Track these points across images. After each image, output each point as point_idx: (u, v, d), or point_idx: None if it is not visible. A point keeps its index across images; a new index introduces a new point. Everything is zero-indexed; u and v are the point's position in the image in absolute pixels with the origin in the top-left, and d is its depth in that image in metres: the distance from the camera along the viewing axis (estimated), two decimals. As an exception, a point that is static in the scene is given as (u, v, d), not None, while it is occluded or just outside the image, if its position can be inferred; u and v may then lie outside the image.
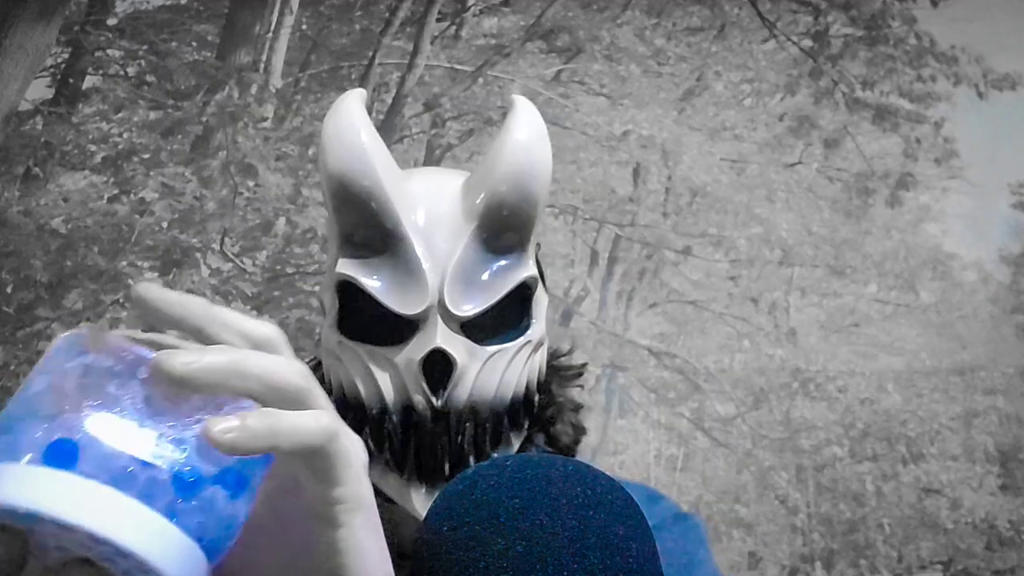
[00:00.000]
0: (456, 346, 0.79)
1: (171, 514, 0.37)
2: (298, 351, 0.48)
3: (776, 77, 10.97)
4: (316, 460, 0.41)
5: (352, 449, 0.42)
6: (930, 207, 15.93)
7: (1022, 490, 14.03)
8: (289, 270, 5.10)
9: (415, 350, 0.79)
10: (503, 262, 0.83)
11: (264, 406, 0.40)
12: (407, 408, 0.79)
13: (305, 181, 5.00)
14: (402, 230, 0.81)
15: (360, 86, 7.50)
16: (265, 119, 5.86)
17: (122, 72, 8.18)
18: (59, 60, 7.62)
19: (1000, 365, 14.88)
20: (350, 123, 0.84)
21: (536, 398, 0.86)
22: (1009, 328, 16.23)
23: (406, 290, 0.80)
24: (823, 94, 8.82)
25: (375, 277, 0.81)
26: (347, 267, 0.81)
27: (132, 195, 5.06)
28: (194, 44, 8.28)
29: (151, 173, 4.89)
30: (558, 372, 0.91)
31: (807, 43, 8.95)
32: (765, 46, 10.65)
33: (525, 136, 0.85)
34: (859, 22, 8.14)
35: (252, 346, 0.42)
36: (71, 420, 0.37)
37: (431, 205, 0.83)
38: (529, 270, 0.84)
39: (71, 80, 7.21)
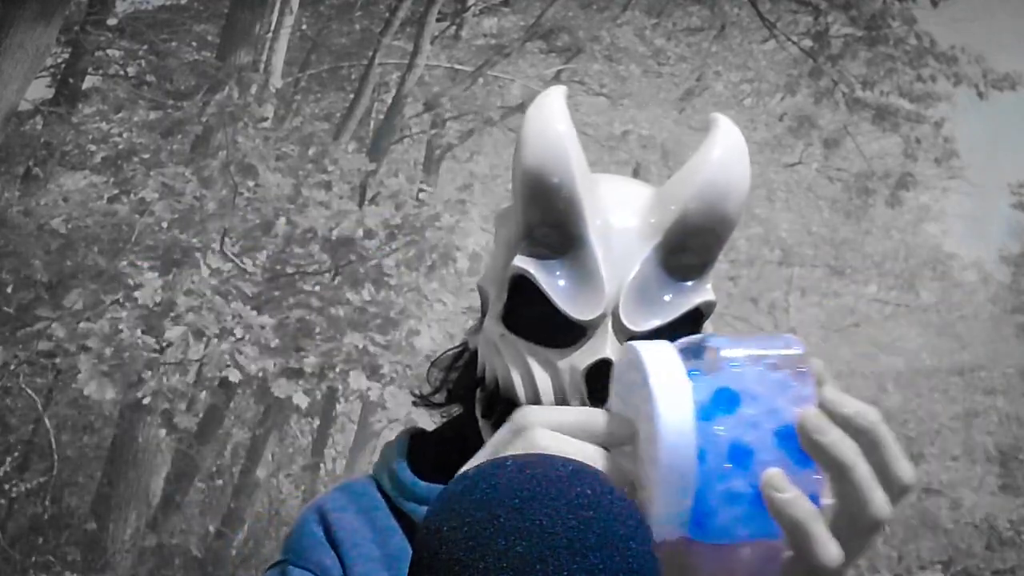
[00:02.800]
0: None
1: (710, 461, 0.50)
2: (298, 350, 0.50)
3: (776, 77, 10.99)
4: (792, 565, 0.51)
5: None
6: (930, 207, 15.96)
7: (1022, 490, 14.03)
8: (289, 270, 5.10)
9: (581, 357, 0.78)
10: (686, 284, 0.81)
11: (837, 509, 0.52)
12: None
13: (305, 181, 5.00)
14: (586, 234, 0.79)
15: (360, 86, 7.46)
16: (265, 119, 5.86)
17: (122, 72, 8.20)
18: (59, 60, 7.63)
19: (1000, 365, 14.90)
20: (552, 118, 0.82)
21: None
22: (1009, 328, 16.24)
23: (582, 295, 0.79)
24: (823, 94, 8.82)
25: (554, 277, 0.80)
26: (526, 263, 0.80)
27: (132, 195, 5.06)
28: (194, 44, 8.29)
29: (151, 173, 4.89)
30: None
31: (807, 43, 8.95)
32: (765, 46, 10.66)
33: (722, 154, 0.84)
34: (859, 22, 8.14)
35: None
36: (748, 377, 0.52)
37: (617, 213, 0.82)
38: (707, 295, 0.82)
39: (71, 80, 7.22)
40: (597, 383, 0.77)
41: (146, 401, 4.31)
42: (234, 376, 4.23)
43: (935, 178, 12.69)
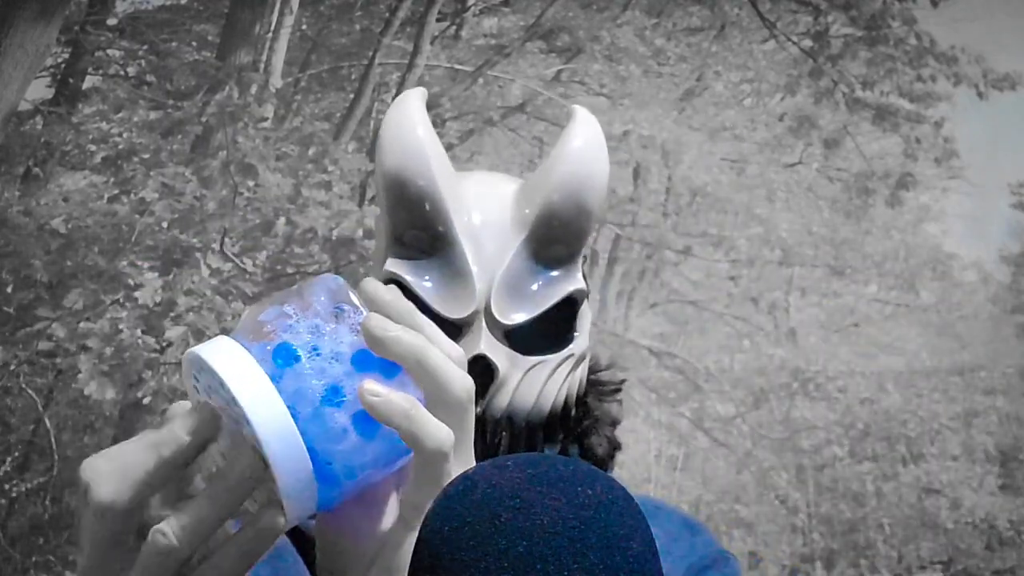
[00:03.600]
0: (499, 354, 0.79)
1: (305, 423, 0.48)
2: None
3: (776, 77, 10.98)
4: (422, 466, 0.50)
5: (450, 476, 0.51)
6: (930, 207, 15.94)
7: (1022, 490, 14.03)
8: (289, 270, 5.10)
9: None
10: (552, 273, 0.82)
11: (426, 399, 0.50)
12: None
13: (305, 181, 4.99)
14: (453, 234, 0.80)
15: (360, 86, 7.48)
16: (265, 119, 5.86)
17: (122, 72, 8.19)
18: (59, 60, 7.62)
19: (1000, 365, 14.89)
20: (410, 122, 0.84)
21: (573, 411, 0.85)
22: (1009, 328, 16.24)
23: (453, 294, 0.80)
24: (823, 94, 8.82)
25: (423, 278, 0.80)
26: (396, 266, 0.81)
27: (132, 195, 5.06)
28: (194, 44, 8.28)
29: (151, 173, 4.89)
30: (596, 386, 0.91)
31: (807, 43, 8.95)
32: (765, 46, 10.65)
33: (581, 146, 0.84)
34: (859, 22, 8.14)
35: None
36: (300, 331, 0.50)
37: (483, 210, 0.83)
38: (578, 283, 0.83)
39: (71, 80, 7.21)
40: (475, 379, 0.78)
41: (146, 401, 4.32)
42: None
43: (935, 178, 12.68)
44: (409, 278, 0.80)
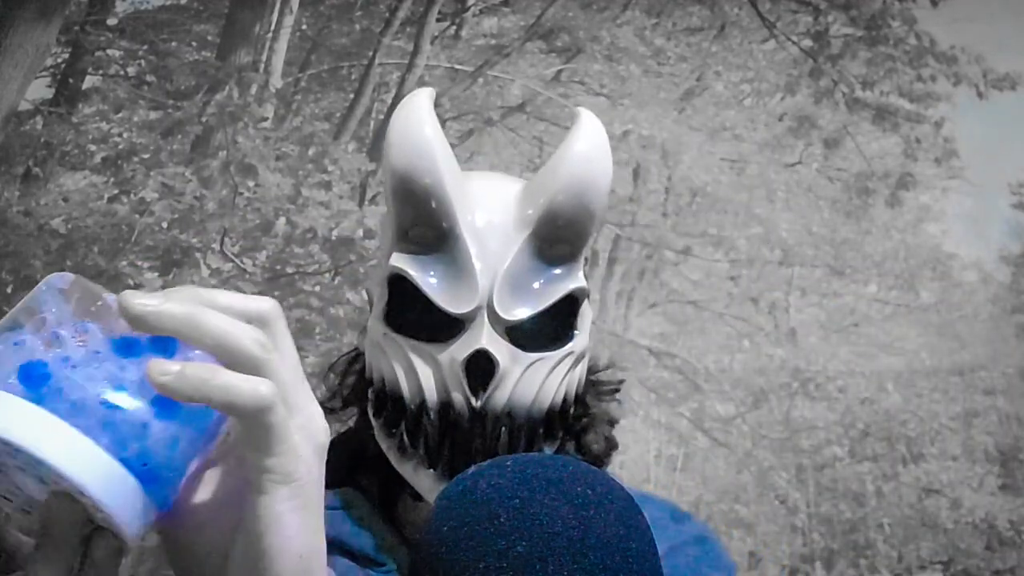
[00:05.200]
0: (500, 349, 0.80)
1: (97, 435, 0.42)
2: (298, 350, 0.51)
3: (776, 77, 10.97)
4: (251, 427, 0.44)
5: (291, 425, 0.45)
6: (930, 207, 15.93)
7: (1022, 490, 14.03)
8: (289, 270, 5.10)
9: (459, 349, 0.80)
10: (555, 271, 0.84)
11: (218, 361, 0.44)
12: (446, 406, 0.80)
13: (305, 181, 5.00)
14: (458, 230, 0.82)
15: (360, 86, 7.48)
16: (265, 119, 5.86)
17: (122, 72, 8.18)
18: (59, 60, 7.62)
19: (1000, 365, 14.89)
20: (418, 120, 0.85)
21: (572, 409, 0.87)
22: (1009, 328, 16.23)
23: (456, 289, 0.81)
24: (823, 94, 8.82)
25: (428, 274, 0.82)
26: (401, 261, 0.83)
27: (132, 195, 5.06)
28: (194, 44, 8.28)
29: (151, 173, 4.89)
30: (595, 385, 0.92)
31: (807, 43, 8.95)
32: (765, 46, 10.65)
33: (586, 147, 0.86)
34: (859, 22, 8.14)
35: (247, 322, 0.46)
36: (37, 346, 0.44)
37: (488, 208, 0.84)
38: (579, 282, 0.85)
39: (71, 80, 7.20)
40: (476, 373, 0.80)
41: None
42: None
43: (935, 178, 12.68)
44: (414, 273, 0.82)
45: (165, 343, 0.45)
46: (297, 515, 0.46)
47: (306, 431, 0.47)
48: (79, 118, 7.01)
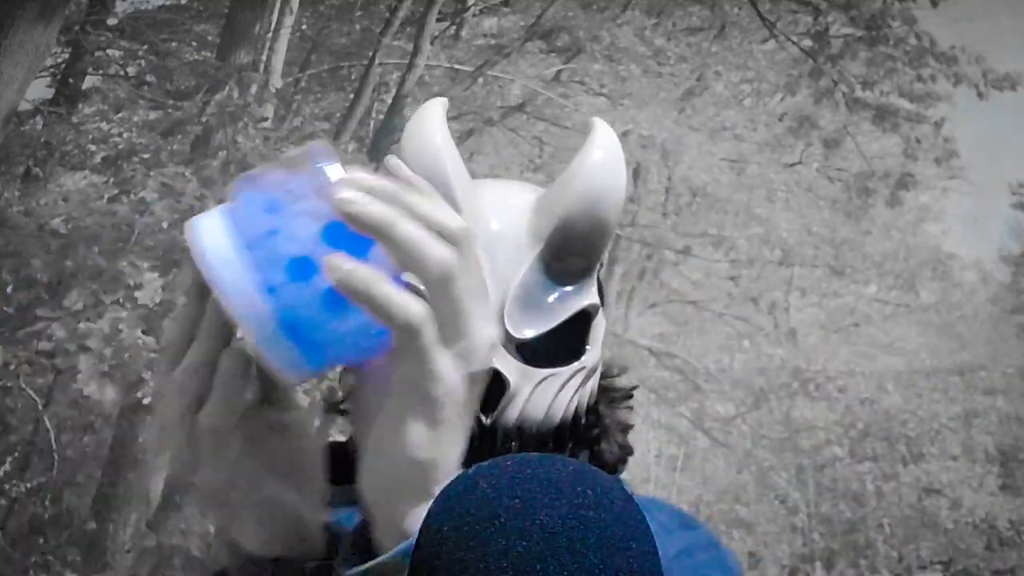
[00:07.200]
0: (509, 367, 0.78)
1: (270, 288, 0.49)
2: None
3: (776, 77, 10.98)
4: (398, 339, 0.50)
5: (440, 348, 0.50)
6: (930, 207, 15.95)
7: (1022, 490, 14.04)
8: (289, 270, 5.11)
9: None
10: (567, 288, 0.82)
11: (400, 271, 0.50)
12: None
13: (305, 181, 5.00)
14: None
15: (360, 86, 7.46)
16: (265, 119, 5.86)
17: (122, 72, 8.18)
18: (59, 60, 7.62)
19: (1000, 365, 14.90)
20: (429, 130, 0.84)
21: (583, 420, 0.85)
22: (1009, 328, 16.25)
23: None
24: (823, 94, 8.82)
25: None
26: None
27: (132, 195, 5.06)
28: (194, 44, 8.28)
29: (151, 173, 4.89)
30: (607, 393, 0.90)
31: (807, 43, 8.95)
32: (765, 46, 10.65)
33: (601, 159, 0.84)
34: (859, 22, 8.14)
35: (438, 234, 0.51)
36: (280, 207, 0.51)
37: (499, 220, 0.82)
38: (591, 298, 0.83)
39: (71, 80, 7.21)
40: (485, 391, 0.78)
41: (146, 401, 4.31)
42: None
43: (935, 178, 12.69)
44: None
45: (365, 240, 0.50)
46: (419, 425, 0.52)
47: (462, 357, 0.52)
48: (79, 118, 7.01)
